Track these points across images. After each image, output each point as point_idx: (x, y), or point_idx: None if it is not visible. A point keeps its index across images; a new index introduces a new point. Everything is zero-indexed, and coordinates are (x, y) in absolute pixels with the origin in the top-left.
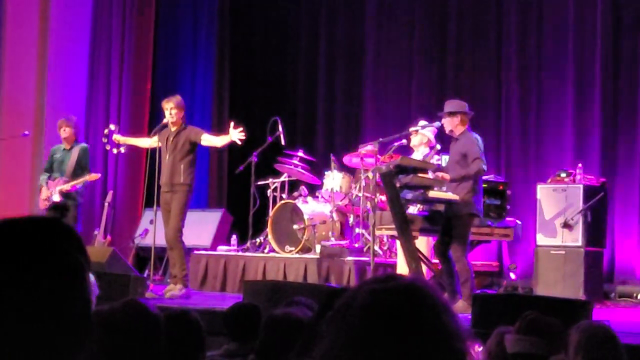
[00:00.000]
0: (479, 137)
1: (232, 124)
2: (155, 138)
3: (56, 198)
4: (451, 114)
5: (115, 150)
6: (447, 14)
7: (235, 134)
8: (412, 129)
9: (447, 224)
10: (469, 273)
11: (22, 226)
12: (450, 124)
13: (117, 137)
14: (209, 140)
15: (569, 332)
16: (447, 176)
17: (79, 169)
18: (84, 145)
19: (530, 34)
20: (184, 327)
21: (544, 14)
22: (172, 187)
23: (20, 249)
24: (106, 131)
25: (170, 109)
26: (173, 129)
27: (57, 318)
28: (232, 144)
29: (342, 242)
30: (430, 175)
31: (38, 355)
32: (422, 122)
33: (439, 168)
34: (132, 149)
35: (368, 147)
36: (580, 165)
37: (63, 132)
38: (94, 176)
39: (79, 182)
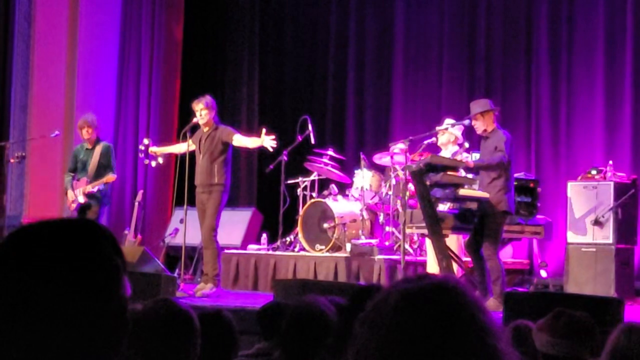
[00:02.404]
0: (508, 136)
1: (264, 130)
2: (190, 142)
3: (81, 199)
4: (483, 113)
5: (153, 163)
6: (477, 11)
7: (267, 141)
8: (439, 127)
9: (480, 222)
10: (500, 271)
11: (58, 227)
12: (484, 124)
13: (153, 150)
14: (240, 140)
15: (608, 334)
16: (470, 163)
17: (103, 168)
18: (106, 143)
19: (561, 30)
20: (217, 326)
21: (574, 11)
22: (207, 187)
23: (57, 250)
24: (142, 146)
25: (200, 110)
26: (205, 129)
27: (94, 318)
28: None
29: (373, 241)
30: (461, 173)
31: (75, 355)
32: (449, 120)
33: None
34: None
35: (398, 146)
36: (610, 162)
37: (86, 132)
38: (110, 178)
39: (97, 184)
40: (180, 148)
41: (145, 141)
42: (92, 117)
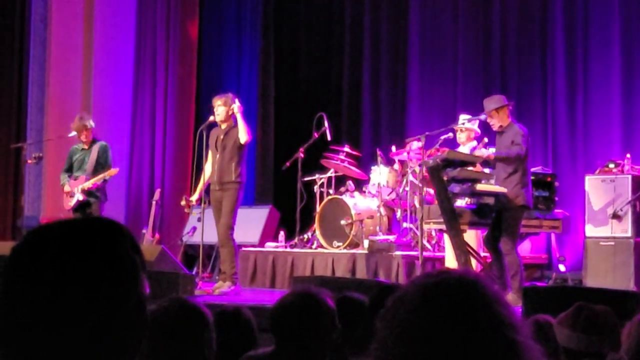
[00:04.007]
0: (524, 130)
1: None
2: (210, 155)
3: (79, 197)
4: (497, 109)
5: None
6: (491, 6)
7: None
8: (457, 126)
9: (498, 217)
10: (519, 266)
11: (77, 226)
12: (500, 120)
13: (193, 198)
14: (239, 128)
15: (625, 325)
16: (491, 155)
17: (100, 167)
18: (103, 143)
19: (577, 24)
20: (236, 324)
21: (589, 5)
22: (223, 185)
23: (75, 249)
24: (186, 209)
25: (218, 106)
26: (223, 126)
27: (114, 317)
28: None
29: (390, 237)
30: (478, 167)
31: (95, 354)
32: (464, 116)
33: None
34: (178, 146)
35: (415, 142)
36: (628, 155)
37: (84, 137)
38: (112, 171)
39: (98, 179)
40: (207, 172)
41: (182, 202)
42: (87, 118)
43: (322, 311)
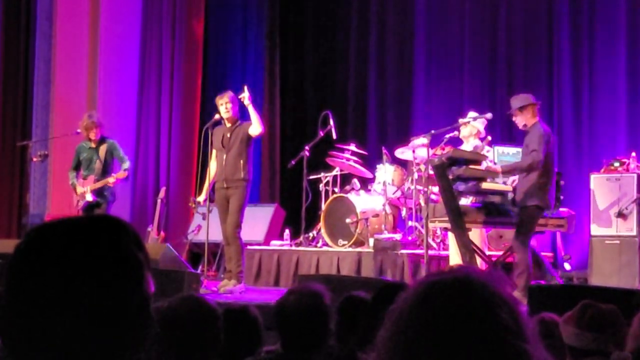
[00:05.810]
0: (545, 131)
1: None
2: (214, 154)
3: (89, 197)
4: (521, 109)
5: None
6: (498, 4)
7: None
8: (462, 120)
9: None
10: (527, 265)
11: (81, 224)
12: (524, 119)
13: (200, 199)
14: (253, 120)
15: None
16: (498, 168)
17: (108, 167)
18: (110, 141)
19: (582, 21)
20: (243, 322)
21: (595, 2)
22: (231, 183)
23: (79, 246)
24: (195, 209)
25: (225, 104)
26: (228, 125)
27: (117, 315)
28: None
29: (396, 236)
30: (485, 164)
31: (100, 351)
32: (472, 114)
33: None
34: (184, 144)
35: (420, 140)
36: (633, 154)
37: (93, 134)
38: (121, 174)
39: (107, 181)
40: (213, 167)
41: (190, 204)
42: (94, 114)
43: (323, 307)
